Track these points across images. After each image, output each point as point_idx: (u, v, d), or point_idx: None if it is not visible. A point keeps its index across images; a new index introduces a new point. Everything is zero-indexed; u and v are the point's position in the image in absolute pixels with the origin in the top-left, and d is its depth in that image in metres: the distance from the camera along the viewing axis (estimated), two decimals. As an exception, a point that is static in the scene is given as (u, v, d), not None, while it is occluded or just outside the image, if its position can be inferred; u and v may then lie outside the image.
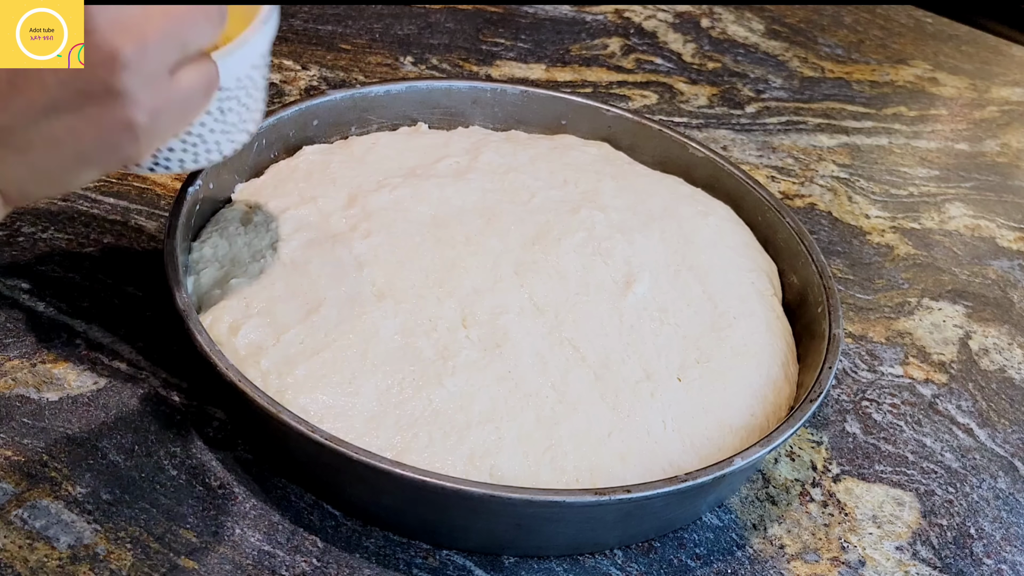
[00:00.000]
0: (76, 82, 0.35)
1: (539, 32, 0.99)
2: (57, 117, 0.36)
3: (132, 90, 0.36)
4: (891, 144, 0.92)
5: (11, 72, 0.35)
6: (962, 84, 1.03)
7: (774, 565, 0.54)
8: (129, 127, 0.37)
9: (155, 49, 0.36)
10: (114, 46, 0.35)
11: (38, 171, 0.38)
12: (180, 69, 0.38)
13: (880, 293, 0.74)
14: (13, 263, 0.63)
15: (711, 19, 1.07)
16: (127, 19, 0.35)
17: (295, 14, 0.94)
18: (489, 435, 0.52)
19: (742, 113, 0.92)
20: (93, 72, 0.35)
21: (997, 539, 0.58)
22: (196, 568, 0.49)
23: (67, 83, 0.35)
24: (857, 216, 0.82)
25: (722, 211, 0.70)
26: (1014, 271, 0.79)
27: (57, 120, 0.36)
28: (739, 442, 0.55)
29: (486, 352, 0.55)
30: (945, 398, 0.67)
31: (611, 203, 0.67)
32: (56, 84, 0.35)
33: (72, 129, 0.36)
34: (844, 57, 1.04)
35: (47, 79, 0.35)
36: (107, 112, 0.36)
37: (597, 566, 0.53)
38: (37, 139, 0.36)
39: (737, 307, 0.62)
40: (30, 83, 0.35)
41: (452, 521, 0.51)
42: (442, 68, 0.91)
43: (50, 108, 0.36)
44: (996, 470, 0.62)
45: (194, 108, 0.40)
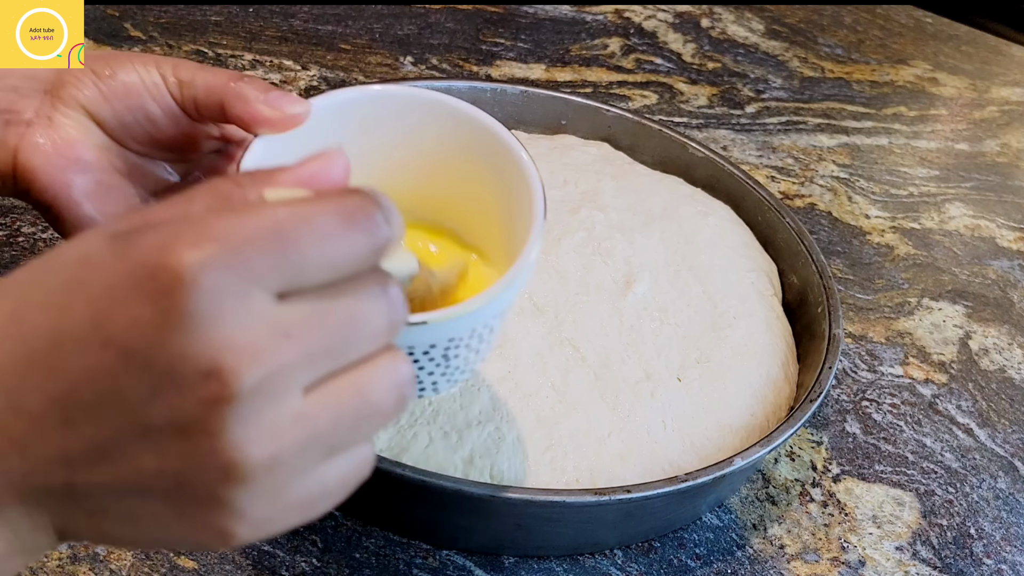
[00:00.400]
0: (177, 477, 0.27)
1: (539, 32, 0.99)
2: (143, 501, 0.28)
3: (241, 505, 0.27)
4: (891, 144, 0.92)
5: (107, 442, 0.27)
6: (962, 84, 1.03)
7: (774, 565, 0.54)
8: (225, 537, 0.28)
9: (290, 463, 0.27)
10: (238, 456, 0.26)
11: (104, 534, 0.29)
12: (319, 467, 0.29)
13: (880, 293, 0.74)
14: (13, 263, 0.63)
15: (711, 19, 1.07)
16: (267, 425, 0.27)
17: (295, 14, 0.94)
18: (489, 435, 0.52)
19: (742, 113, 0.92)
20: (202, 475, 0.27)
21: (997, 539, 0.58)
22: (196, 568, 0.49)
23: (166, 472, 0.27)
24: (857, 216, 0.82)
25: (722, 211, 0.70)
26: (1014, 271, 0.79)
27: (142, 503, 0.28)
28: (739, 442, 0.55)
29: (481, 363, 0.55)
30: (945, 398, 0.67)
31: (611, 203, 0.67)
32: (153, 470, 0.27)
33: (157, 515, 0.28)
34: (844, 57, 1.04)
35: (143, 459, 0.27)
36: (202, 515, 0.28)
37: (597, 566, 0.53)
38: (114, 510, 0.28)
39: (737, 307, 0.62)
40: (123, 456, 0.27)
41: (452, 521, 0.51)
42: (442, 68, 0.91)
43: (137, 489, 0.27)
44: (996, 470, 0.62)
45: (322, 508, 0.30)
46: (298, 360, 0.27)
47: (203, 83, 0.43)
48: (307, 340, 0.27)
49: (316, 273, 0.27)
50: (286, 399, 0.27)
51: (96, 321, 0.26)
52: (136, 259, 0.26)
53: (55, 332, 0.26)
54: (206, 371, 0.25)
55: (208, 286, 0.25)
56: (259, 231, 0.26)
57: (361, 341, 0.28)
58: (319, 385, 0.28)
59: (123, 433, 0.26)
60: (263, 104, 0.41)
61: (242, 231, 0.26)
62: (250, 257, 0.26)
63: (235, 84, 0.42)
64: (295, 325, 0.27)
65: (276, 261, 0.26)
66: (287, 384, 0.27)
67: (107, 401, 0.26)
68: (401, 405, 0.30)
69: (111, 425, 0.26)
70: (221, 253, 0.25)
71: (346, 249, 0.27)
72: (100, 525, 0.29)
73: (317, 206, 0.27)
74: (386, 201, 0.29)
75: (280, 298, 0.27)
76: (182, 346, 0.25)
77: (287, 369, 0.26)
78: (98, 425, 0.27)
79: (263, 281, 0.26)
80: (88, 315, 0.26)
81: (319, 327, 0.27)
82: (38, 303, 0.27)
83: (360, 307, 0.28)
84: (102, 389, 0.26)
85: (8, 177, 0.43)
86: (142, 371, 0.26)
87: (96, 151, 0.43)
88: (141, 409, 0.26)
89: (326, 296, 0.27)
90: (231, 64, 0.86)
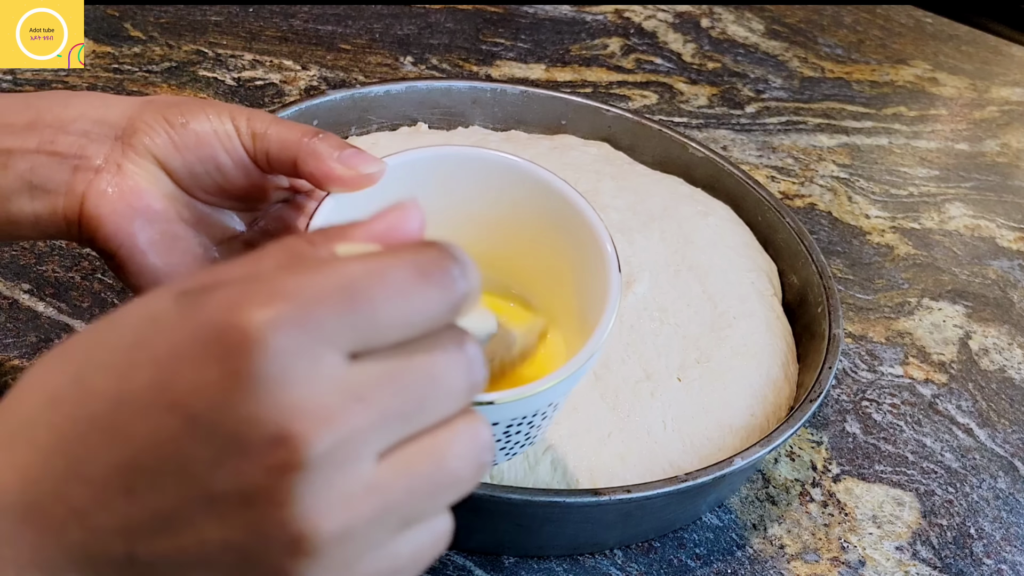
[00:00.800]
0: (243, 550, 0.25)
1: (539, 32, 0.99)
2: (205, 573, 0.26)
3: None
4: (891, 144, 0.92)
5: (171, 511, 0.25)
6: (962, 84, 1.03)
7: (774, 565, 0.54)
8: None
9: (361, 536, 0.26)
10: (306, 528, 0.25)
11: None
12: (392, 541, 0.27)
13: (880, 293, 0.74)
14: (13, 263, 0.63)
15: (711, 19, 1.07)
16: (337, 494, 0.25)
17: (295, 14, 0.94)
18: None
19: (742, 113, 0.92)
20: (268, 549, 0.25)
21: (997, 539, 0.58)
22: (196, 568, 0.49)
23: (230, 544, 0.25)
24: (857, 216, 0.82)
25: (722, 211, 0.70)
26: (1014, 271, 0.79)
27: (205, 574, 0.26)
28: (739, 442, 0.55)
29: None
30: (945, 398, 0.67)
31: (611, 203, 0.67)
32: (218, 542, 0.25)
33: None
34: (844, 57, 1.04)
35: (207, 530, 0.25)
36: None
37: (597, 566, 0.53)
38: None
39: (737, 307, 0.62)
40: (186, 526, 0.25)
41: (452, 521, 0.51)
42: (442, 68, 0.91)
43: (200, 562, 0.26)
44: (996, 470, 0.62)
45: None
46: (371, 425, 0.25)
47: (277, 137, 0.42)
48: (381, 403, 0.25)
49: (390, 331, 0.26)
50: (358, 467, 0.25)
51: (160, 384, 0.25)
52: (203, 319, 0.25)
53: (118, 395, 0.25)
54: (274, 437, 0.24)
55: (277, 347, 0.24)
56: (330, 288, 0.25)
57: (438, 403, 0.27)
58: (393, 451, 0.26)
59: (187, 502, 0.25)
60: (337, 163, 0.40)
61: (313, 289, 0.25)
62: (321, 316, 0.24)
63: (309, 140, 0.41)
64: (368, 388, 0.25)
65: (349, 319, 0.25)
66: (359, 451, 0.25)
67: (171, 468, 0.25)
68: (480, 473, 0.28)
69: (174, 494, 0.25)
70: (291, 312, 0.24)
71: (421, 305, 0.26)
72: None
73: (390, 260, 0.26)
74: (463, 254, 0.27)
75: (352, 358, 0.25)
76: (249, 410, 0.24)
77: (359, 435, 0.25)
78: (161, 493, 0.25)
79: (335, 341, 0.25)
80: (152, 377, 0.25)
81: (393, 389, 0.26)
82: (101, 365, 0.26)
83: (437, 367, 0.26)
84: (166, 455, 0.25)
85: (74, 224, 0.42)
86: (207, 436, 0.24)
87: (164, 201, 0.42)
88: (206, 477, 0.25)
89: (401, 355, 0.26)
90: (231, 63, 0.86)
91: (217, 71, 0.85)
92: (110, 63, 0.83)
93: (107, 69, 0.82)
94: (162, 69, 0.83)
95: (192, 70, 0.84)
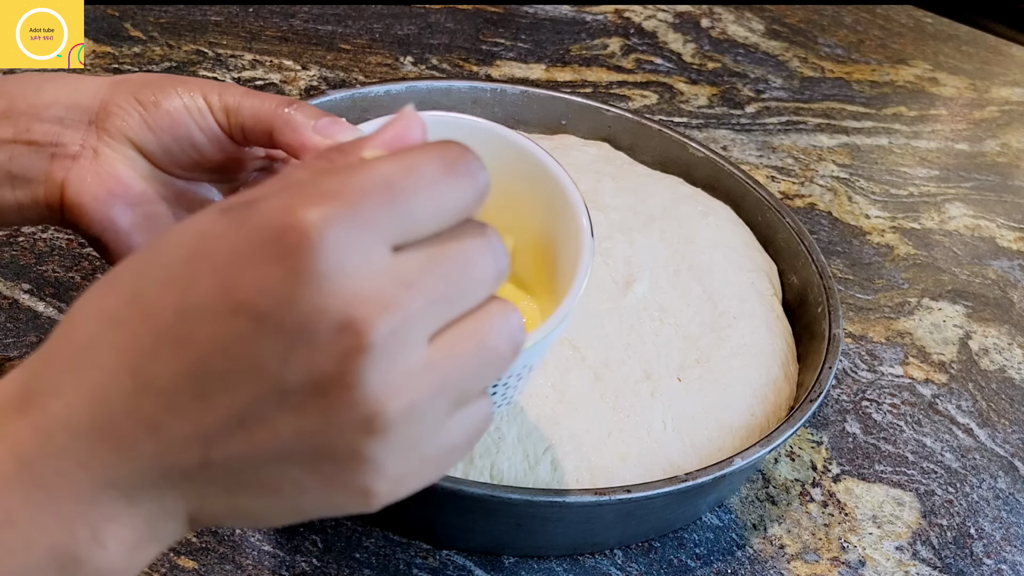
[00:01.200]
0: (317, 436, 0.27)
1: (539, 32, 0.99)
2: (282, 465, 0.28)
3: (383, 458, 0.28)
4: (891, 144, 0.92)
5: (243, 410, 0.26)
6: (962, 84, 1.03)
7: (774, 565, 0.54)
8: (365, 495, 0.28)
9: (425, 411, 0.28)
10: (376, 406, 0.26)
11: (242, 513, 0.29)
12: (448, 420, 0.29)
13: (880, 293, 0.74)
14: (13, 263, 0.63)
15: (711, 19, 1.07)
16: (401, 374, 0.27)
17: (295, 14, 0.94)
18: (489, 435, 0.52)
19: (742, 113, 0.92)
20: (341, 431, 0.27)
21: (997, 539, 0.58)
22: (196, 568, 0.49)
23: (305, 435, 0.27)
24: (857, 216, 0.82)
25: (722, 211, 0.70)
26: (1014, 271, 0.79)
27: (281, 468, 0.28)
28: (739, 442, 0.55)
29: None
30: (945, 398, 0.67)
31: (611, 203, 0.67)
32: (292, 433, 0.27)
33: (296, 482, 0.28)
34: (844, 57, 1.04)
35: (281, 423, 0.27)
36: (344, 475, 0.28)
37: (597, 566, 0.53)
38: (252, 482, 0.28)
39: (737, 307, 0.62)
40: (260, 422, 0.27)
41: (452, 521, 0.51)
42: (442, 68, 0.91)
43: (277, 456, 0.27)
44: (996, 470, 0.62)
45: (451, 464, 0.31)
46: (421, 309, 0.27)
47: (251, 109, 0.42)
48: (427, 289, 0.27)
49: (427, 221, 0.27)
50: (414, 349, 0.27)
51: (223, 289, 0.26)
52: (258, 224, 0.26)
53: (180, 306, 0.26)
54: (340, 324, 0.25)
55: (333, 241, 0.25)
56: (371, 184, 0.26)
57: (473, 288, 0.28)
58: (440, 335, 0.28)
59: (259, 399, 0.26)
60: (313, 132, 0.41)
61: (356, 186, 0.26)
62: (368, 210, 0.26)
63: (284, 111, 0.41)
64: (414, 274, 0.27)
65: (391, 212, 0.26)
66: (414, 334, 0.27)
67: (241, 368, 0.26)
68: (515, 350, 0.30)
69: (247, 392, 0.26)
70: (341, 208, 0.26)
71: (454, 195, 0.28)
72: (237, 501, 0.28)
73: (420, 156, 0.28)
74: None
75: (396, 250, 0.27)
76: (314, 302, 0.25)
77: (413, 318, 0.27)
78: (233, 394, 0.26)
79: (382, 232, 0.26)
80: (214, 284, 0.26)
81: (436, 275, 0.27)
82: (157, 280, 0.27)
83: (469, 253, 0.28)
84: (235, 356, 0.26)
85: (56, 211, 0.43)
86: (275, 332, 0.26)
87: (142, 182, 0.42)
88: (276, 371, 0.26)
89: (437, 245, 0.28)
90: (231, 63, 0.86)
91: (217, 71, 0.85)
92: (110, 63, 0.83)
93: (107, 69, 0.82)
94: (162, 69, 0.83)
95: (192, 70, 0.84)
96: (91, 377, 0.27)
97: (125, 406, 0.27)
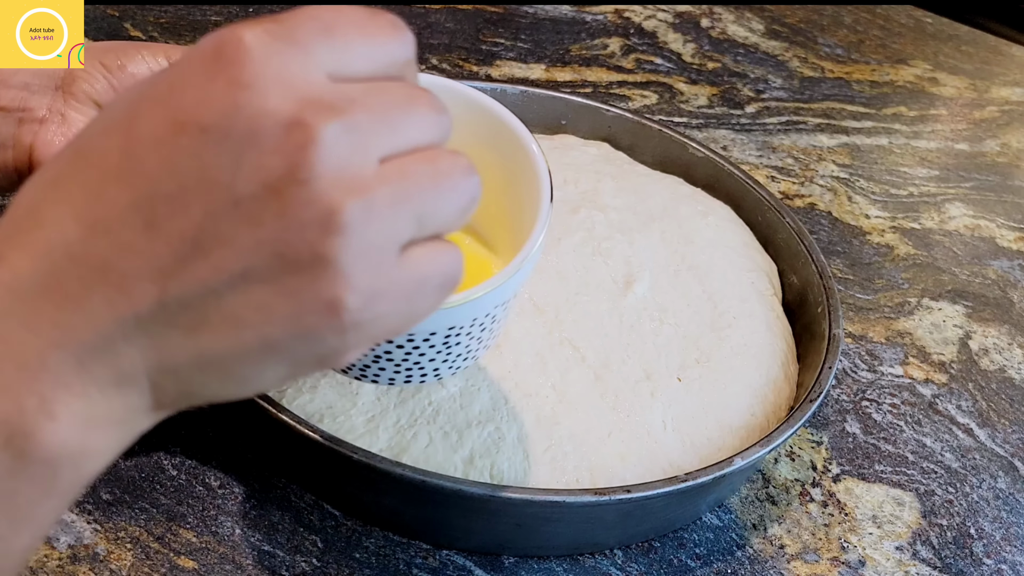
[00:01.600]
0: (276, 244, 0.26)
1: (539, 32, 0.99)
2: (244, 288, 0.26)
3: (347, 262, 0.26)
4: (891, 144, 0.92)
5: (197, 230, 0.26)
6: (962, 84, 1.03)
7: (774, 565, 0.54)
8: (334, 309, 0.27)
9: (384, 215, 0.27)
10: (333, 202, 0.26)
11: (207, 360, 0.27)
12: (411, 248, 0.28)
13: (880, 293, 0.74)
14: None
15: (711, 19, 1.07)
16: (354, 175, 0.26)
17: (295, 14, 0.94)
18: (489, 435, 0.52)
19: (742, 113, 0.92)
20: (301, 232, 0.26)
21: (997, 539, 0.58)
22: (196, 568, 0.49)
23: (264, 244, 0.26)
24: (857, 216, 0.82)
25: (722, 211, 0.70)
26: (1014, 271, 0.79)
27: (244, 292, 0.26)
28: (739, 442, 0.55)
29: (486, 352, 0.55)
30: (945, 398, 0.67)
31: (611, 203, 0.67)
32: (251, 246, 0.26)
33: (261, 305, 0.26)
34: (844, 57, 1.04)
35: (238, 236, 0.26)
36: (310, 286, 0.26)
37: (597, 566, 0.53)
38: (215, 316, 0.26)
39: (737, 307, 0.62)
40: (216, 240, 0.26)
41: (452, 521, 0.51)
42: (442, 68, 0.91)
43: (238, 276, 0.26)
44: (996, 470, 0.62)
45: (422, 304, 0.29)
46: (368, 121, 0.27)
47: None
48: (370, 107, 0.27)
49: (361, 61, 0.28)
50: (367, 156, 0.27)
51: (166, 114, 0.26)
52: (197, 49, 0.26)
53: (125, 143, 0.26)
54: (287, 123, 0.25)
55: (273, 52, 0.26)
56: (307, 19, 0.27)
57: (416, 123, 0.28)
58: (392, 158, 0.28)
59: (213, 214, 0.26)
60: None
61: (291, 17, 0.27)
62: (304, 35, 0.27)
63: None
64: (356, 93, 0.27)
65: (326, 42, 0.27)
66: (364, 141, 0.27)
67: (191, 184, 0.26)
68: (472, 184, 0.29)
69: (199, 209, 0.26)
70: (277, 28, 0.26)
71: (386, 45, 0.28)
72: (201, 345, 0.27)
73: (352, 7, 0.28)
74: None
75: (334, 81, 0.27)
76: (257, 106, 0.25)
77: (360, 126, 0.27)
78: (186, 215, 0.26)
79: (319, 57, 0.27)
80: (157, 113, 0.26)
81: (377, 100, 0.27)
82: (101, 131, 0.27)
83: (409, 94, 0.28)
84: (184, 173, 0.26)
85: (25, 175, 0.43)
86: (222, 141, 0.25)
87: None
88: (228, 181, 0.26)
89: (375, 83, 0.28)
90: (231, 64, 0.86)
91: (217, 71, 0.84)
92: (110, 63, 0.83)
93: (107, 69, 0.82)
94: (162, 69, 0.83)
95: (192, 70, 0.84)
96: (35, 236, 0.26)
97: (72, 253, 0.26)
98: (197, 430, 0.55)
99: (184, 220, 0.26)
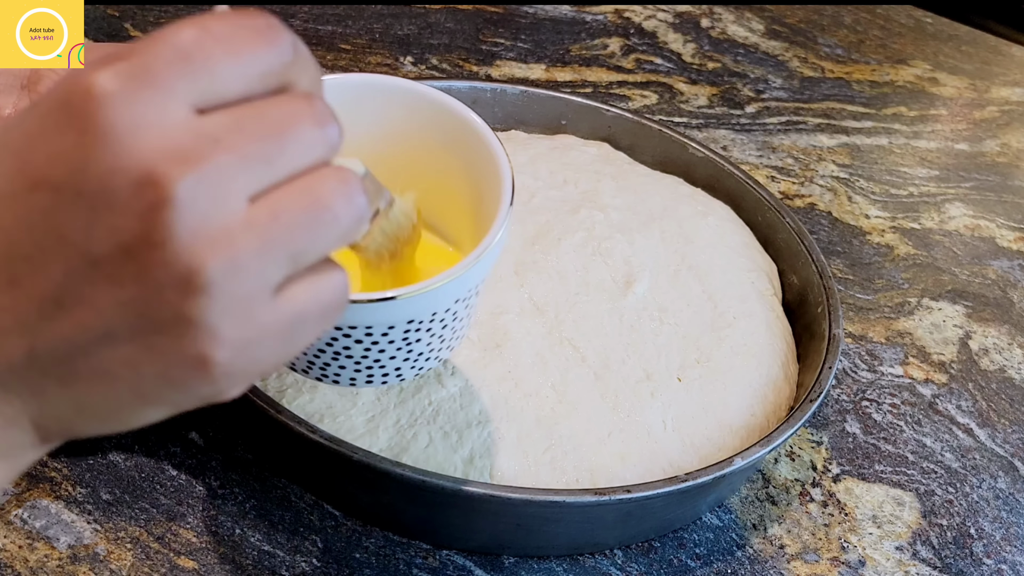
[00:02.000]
0: (137, 304, 0.25)
1: (539, 32, 0.99)
2: (111, 345, 0.26)
3: (212, 320, 0.26)
4: (891, 144, 0.92)
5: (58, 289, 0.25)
6: (962, 84, 1.03)
7: (774, 565, 0.54)
8: (203, 364, 0.26)
9: (250, 266, 0.26)
10: (193, 261, 0.25)
11: (85, 408, 0.28)
12: (287, 286, 0.27)
13: (880, 293, 0.74)
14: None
15: (711, 19, 1.07)
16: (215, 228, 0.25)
17: (295, 14, 0.94)
18: (489, 435, 0.52)
19: (742, 113, 0.92)
20: (160, 294, 0.25)
21: (997, 539, 0.58)
22: (196, 568, 0.49)
23: (126, 305, 0.25)
24: (857, 216, 0.82)
25: (722, 211, 0.70)
26: (1014, 271, 0.79)
27: (110, 348, 0.26)
28: (739, 442, 0.55)
29: (486, 352, 0.55)
30: (945, 398, 0.67)
31: (611, 203, 0.67)
32: (112, 305, 0.25)
33: (128, 361, 0.26)
34: (844, 57, 1.04)
35: (98, 296, 0.25)
36: (175, 344, 0.26)
37: (597, 566, 0.53)
38: (84, 370, 0.27)
39: (737, 307, 0.62)
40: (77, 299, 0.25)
41: (452, 521, 0.51)
42: (442, 68, 0.91)
43: (103, 335, 0.26)
44: (996, 470, 0.62)
45: (302, 339, 0.28)
46: (232, 164, 0.25)
47: None
48: (237, 144, 0.26)
49: (230, 83, 0.26)
50: (230, 204, 0.25)
51: (20, 168, 0.25)
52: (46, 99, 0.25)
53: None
54: (137, 181, 0.24)
55: (124, 99, 0.24)
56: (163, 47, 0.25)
57: (295, 149, 0.27)
58: (265, 195, 0.26)
59: (71, 274, 0.25)
60: None
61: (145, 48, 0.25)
62: (160, 69, 0.25)
63: None
64: (221, 131, 0.26)
65: (187, 71, 0.25)
66: (227, 189, 0.25)
67: (48, 244, 0.25)
68: (353, 208, 0.28)
69: (58, 269, 0.25)
70: (129, 68, 0.25)
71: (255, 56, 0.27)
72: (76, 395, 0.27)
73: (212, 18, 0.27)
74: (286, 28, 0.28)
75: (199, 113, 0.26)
76: (107, 163, 0.24)
77: (222, 172, 0.25)
78: (45, 274, 0.25)
79: (179, 92, 0.25)
80: (12, 166, 0.25)
81: (247, 132, 0.26)
82: None
83: (285, 114, 0.27)
84: (40, 232, 0.25)
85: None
86: (74, 201, 0.25)
87: None
88: (83, 242, 0.25)
89: (247, 106, 0.26)
90: (231, 64, 0.86)
91: (217, 71, 0.84)
92: (110, 63, 0.83)
93: (107, 69, 0.82)
94: (162, 69, 0.83)
95: (192, 70, 0.84)
96: None
97: None
98: (197, 430, 0.55)
99: (43, 279, 0.25)
